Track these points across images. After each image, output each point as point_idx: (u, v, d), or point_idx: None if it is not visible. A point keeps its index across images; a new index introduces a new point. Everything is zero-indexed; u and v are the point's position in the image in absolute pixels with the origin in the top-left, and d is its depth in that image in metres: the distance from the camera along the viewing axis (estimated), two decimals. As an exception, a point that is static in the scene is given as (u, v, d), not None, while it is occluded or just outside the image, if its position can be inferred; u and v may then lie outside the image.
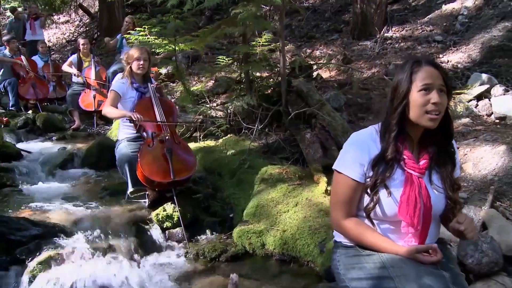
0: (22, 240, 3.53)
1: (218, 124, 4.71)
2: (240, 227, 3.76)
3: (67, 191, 4.77)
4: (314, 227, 3.50)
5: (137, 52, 4.08)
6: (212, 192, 4.48)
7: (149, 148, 3.86)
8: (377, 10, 8.20)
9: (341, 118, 4.53)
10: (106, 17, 11.51)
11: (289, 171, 4.27)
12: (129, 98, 4.10)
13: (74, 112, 7.16)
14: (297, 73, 5.28)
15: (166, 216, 3.89)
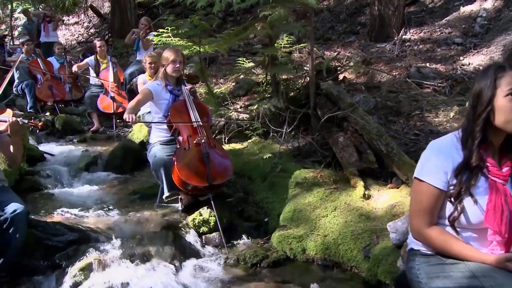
0: (58, 245, 3.52)
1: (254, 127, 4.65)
2: (279, 232, 3.71)
3: (95, 195, 4.73)
4: (356, 232, 3.45)
5: (172, 54, 4.03)
6: (244, 196, 4.43)
7: (185, 152, 3.81)
8: (395, 12, 8.17)
9: (374, 122, 4.48)
10: (118, 19, 11.47)
11: (323, 174, 4.22)
12: (163, 101, 4.05)
13: (93, 114, 7.12)
14: (324, 75, 5.22)
15: (203, 221, 3.84)
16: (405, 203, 3.62)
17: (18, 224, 3.08)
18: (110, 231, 3.72)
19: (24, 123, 3.24)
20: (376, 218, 3.60)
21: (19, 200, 3.24)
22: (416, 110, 4.96)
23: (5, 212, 3.10)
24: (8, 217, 3.07)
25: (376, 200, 3.89)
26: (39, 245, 3.44)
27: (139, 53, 8.32)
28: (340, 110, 4.66)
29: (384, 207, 3.69)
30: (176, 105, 4.02)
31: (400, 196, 3.78)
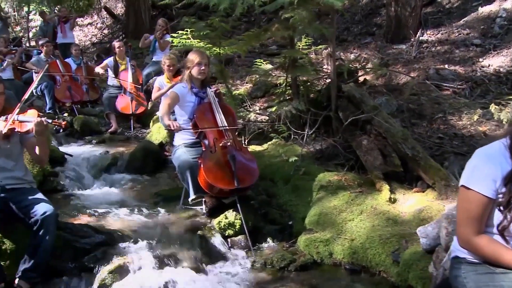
0: (86, 247, 3.53)
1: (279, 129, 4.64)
2: (305, 236, 3.70)
3: (118, 197, 4.75)
4: (384, 236, 3.43)
5: (198, 57, 4.03)
6: (267, 199, 4.42)
7: (212, 155, 3.81)
8: (412, 13, 8.11)
9: (399, 125, 4.46)
10: (132, 20, 11.51)
11: (348, 178, 4.20)
12: (188, 103, 4.06)
13: (111, 115, 7.14)
14: (345, 78, 5.21)
15: (228, 224, 3.85)
16: (433, 207, 3.60)
17: (48, 226, 3.11)
18: (137, 234, 3.73)
19: (49, 122, 3.22)
20: (404, 222, 3.58)
21: (48, 202, 3.26)
22: (439, 113, 4.93)
23: (35, 214, 3.13)
24: (38, 219, 3.10)
25: (402, 204, 3.87)
26: (67, 247, 3.46)
27: (155, 54, 8.36)
28: (363, 113, 4.65)
29: (411, 211, 3.67)
30: (201, 108, 4.02)
31: (427, 200, 3.76)
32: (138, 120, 7.23)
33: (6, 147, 3.32)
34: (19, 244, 3.29)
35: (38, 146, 3.31)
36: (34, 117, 3.22)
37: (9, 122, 3.22)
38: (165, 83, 6.05)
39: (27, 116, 3.26)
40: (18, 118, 3.24)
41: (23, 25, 17.82)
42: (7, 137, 3.29)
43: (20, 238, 3.30)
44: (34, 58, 7.91)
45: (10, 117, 3.24)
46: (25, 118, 3.25)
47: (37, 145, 3.31)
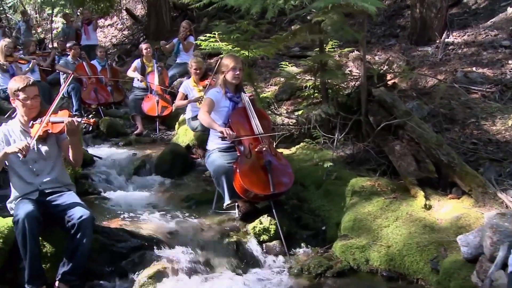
0: (122, 251, 3.56)
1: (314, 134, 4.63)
2: (341, 242, 3.69)
3: (149, 200, 4.78)
4: (422, 243, 3.40)
5: (232, 61, 4.03)
6: (298, 203, 4.41)
7: (247, 160, 3.81)
8: (437, 15, 8.03)
9: (431, 130, 4.42)
10: (153, 21, 11.58)
11: (381, 183, 4.18)
12: (223, 108, 4.07)
13: (137, 117, 7.19)
14: (375, 82, 5.18)
15: (263, 229, 3.85)
16: (471, 215, 3.56)
17: (85, 230, 3.15)
18: (172, 239, 3.75)
19: (79, 122, 3.24)
20: (441, 229, 3.55)
21: (85, 206, 3.30)
22: (471, 118, 4.87)
23: (72, 218, 3.18)
24: (75, 223, 3.15)
25: (438, 210, 3.84)
26: (104, 251, 3.50)
27: (179, 56, 8.41)
28: (395, 117, 4.62)
29: (448, 218, 3.64)
30: (236, 113, 4.03)
31: (463, 207, 3.72)
32: (163, 122, 7.27)
33: (43, 149, 3.39)
34: (58, 247, 3.34)
35: (71, 147, 3.34)
36: (65, 117, 3.25)
37: (42, 124, 3.27)
38: (191, 87, 6.09)
39: (58, 117, 3.30)
40: (50, 120, 3.29)
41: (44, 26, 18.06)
42: (43, 140, 3.36)
43: (59, 241, 3.36)
44: (62, 60, 8.00)
45: (44, 119, 3.29)
46: (57, 119, 3.29)
47: (70, 146, 3.34)
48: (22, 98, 3.28)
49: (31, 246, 3.07)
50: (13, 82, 3.32)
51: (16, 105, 3.36)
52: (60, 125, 3.25)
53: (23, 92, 3.26)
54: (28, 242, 3.05)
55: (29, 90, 3.27)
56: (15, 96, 3.30)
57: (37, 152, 3.35)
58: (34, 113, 3.36)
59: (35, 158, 3.35)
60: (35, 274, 3.12)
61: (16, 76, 3.41)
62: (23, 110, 3.34)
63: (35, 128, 3.31)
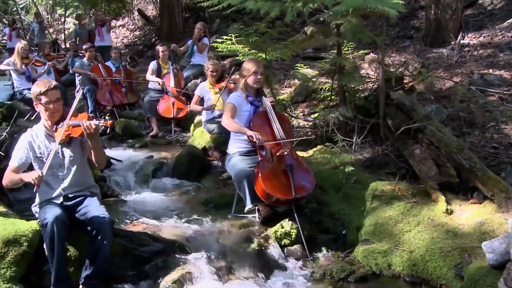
0: (145, 255, 3.58)
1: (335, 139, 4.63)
2: (363, 247, 3.69)
3: (168, 202, 4.81)
4: (445, 249, 3.39)
5: (254, 66, 4.04)
6: (318, 207, 4.41)
7: (269, 164, 3.82)
8: (452, 16, 7.99)
9: (452, 134, 4.40)
10: (166, 22, 11.62)
11: (401, 187, 4.17)
12: (244, 112, 4.08)
13: (152, 119, 7.22)
14: (393, 84, 5.16)
15: (284, 233, 3.86)
16: (494, 220, 3.55)
17: (104, 233, 3.18)
18: (193, 243, 3.78)
19: (96, 124, 3.23)
20: (464, 235, 3.53)
21: (105, 210, 3.32)
22: (491, 121, 4.83)
23: (92, 222, 3.22)
24: (95, 227, 3.19)
25: (459, 215, 3.83)
26: (127, 255, 3.53)
27: (194, 57, 8.44)
28: (413, 121, 4.60)
29: (471, 223, 3.62)
30: (258, 117, 4.04)
31: (486, 212, 3.70)
32: (178, 123, 7.29)
33: (67, 153, 3.41)
34: (82, 251, 3.37)
35: (93, 150, 3.35)
36: (83, 120, 3.26)
37: (63, 128, 3.29)
38: (207, 89, 6.11)
39: (76, 120, 3.30)
40: (70, 123, 3.30)
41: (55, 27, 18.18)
42: (67, 143, 3.38)
43: (82, 245, 3.38)
44: (78, 63, 8.05)
45: (65, 123, 3.30)
46: (76, 122, 3.29)
47: (92, 149, 3.35)
48: (44, 102, 3.28)
49: (58, 249, 3.10)
50: (35, 86, 3.33)
51: (39, 110, 3.37)
52: (80, 128, 3.25)
53: (45, 96, 3.26)
54: (55, 246, 3.09)
55: (51, 94, 3.27)
56: (38, 100, 3.30)
57: (61, 157, 3.38)
58: (57, 117, 3.37)
59: (59, 162, 3.38)
60: (62, 277, 3.15)
61: (39, 80, 3.41)
62: (46, 114, 3.35)
63: (58, 132, 3.34)
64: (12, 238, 3.28)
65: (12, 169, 3.34)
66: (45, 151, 3.37)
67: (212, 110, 5.90)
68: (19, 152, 3.37)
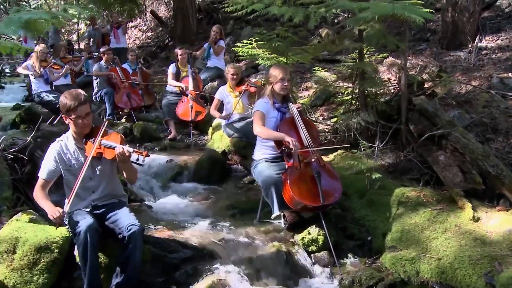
0: (175, 262, 3.60)
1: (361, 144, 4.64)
2: (391, 253, 3.70)
3: (191, 208, 4.83)
4: (474, 257, 3.39)
5: (281, 72, 4.05)
6: (342, 213, 4.42)
7: (297, 171, 3.84)
8: (470, 19, 7.96)
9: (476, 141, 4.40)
10: (180, 24, 11.65)
11: (426, 194, 4.17)
12: (271, 118, 4.10)
13: (170, 122, 7.24)
14: (415, 90, 5.16)
15: (312, 240, 3.88)
16: (523, 228, 3.54)
17: (135, 242, 3.20)
18: (222, 250, 3.78)
19: (130, 152, 3.23)
20: (493, 243, 3.53)
21: (134, 218, 3.34)
22: (515, 127, 4.83)
23: (123, 230, 3.24)
24: (125, 235, 3.20)
25: (486, 223, 3.82)
26: (156, 262, 3.55)
27: (210, 59, 8.47)
28: (436, 127, 4.60)
29: (500, 231, 3.62)
30: (285, 123, 4.06)
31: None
32: (196, 126, 7.30)
33: (98, 168, 3.43)
34: (112, 258, 3.41)
35: (124, 170, 3.40)
36: (117, 144, 3.27)
37: (95, 145, 3.30)
38: (227, 93, 6.13)
39: (111, 142, 3.30)
40: (102, 143, 3.30)
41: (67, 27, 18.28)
42: (98, 158, 3.38)
43: (112, 252, 3.42)
44: (96, 66, 8.10)
45: (96, 140, 3.31)
46: (109, 144, 3.29)
47: (123, 170, 3.40)
48: (73, 117, 3.26)
49: (91, 257, 3.14)
50: (65, 100, 3.24)
51: (69, 122, 3.35)
52: (112, 151, 3.26)
53: (74, 112, 3.22)
54: (88, 254, 3.12)
55: (81, 110, 3.23)
56: (67, 114, 3.28)
57: (92, 170, 3.39)
58: (86, 131, 3.37)
59: (90, 175, 3.39)
60: (94, 284, 3.18)
61: (67, 92, 3.28)
62: (75, 128, 3.34)
63: (89, 147, 3.34)
64: (44, 244, 3.33)
65: (41, 184, 3.40)
66: (75, 163, 3.40)
67: (228, 119, 5.92)
68: (48, 164, 3.40)
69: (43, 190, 3.40)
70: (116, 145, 3.24)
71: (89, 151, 3.32)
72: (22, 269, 3.25)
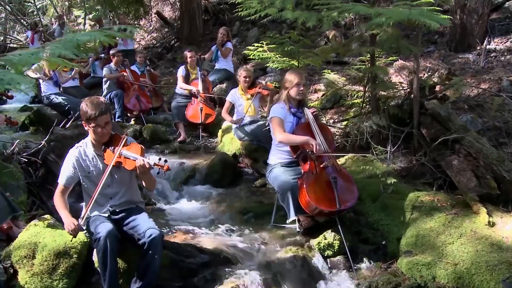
0: (192, 267, 3.62)
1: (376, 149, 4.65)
2: (407, 258, 3.71)
3: (204, 211, 4.86)
4: (491, 262, 3.40)
5: (297, 77, 4.07)
6: (355, 217, 4.43)
7: (313, 176, 3.85)
8: (478, 21, 7.96)
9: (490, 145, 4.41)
10: (187, 25, 11.66)
11: (440, 198, 4.18)
12: (287, 123, 4.11)
13: (180, 125, 7.25)
14: (426, 94, 5.17)
15: (328, 245, 3.90)
16: (540, 234, 3.55)
17: (155, 248, 3.21)
18: (237, 253, 3.81)
19: (151, 165, 3.25)
20: (509, 248, 3.54)
21: (154, 224, 3.35)
22: (529, 131, 4.84)
23: (143, 236, 3.24)
24: (145, 241, 3.21)
25: (502, 228, 3.83)
26: (174, 267, 3.56)
27: (218, 62, 8.48)
28: (449, 131, 4.61)
29: (517, 236, 3.63)
30: (300, 128, 4.07)
31: (529, 225, 3.71)
32: (205, 129, 7.31)
33: (117, 175, 3.45)
34: (130, 263, 3.43)
35: (143, 180, 3.42)
36: (138, 155, 3.28)
37: (115, 155, 3.32)
38: (239, 95, 6.15)
39: (131, 153, 3.31)
40: (123, 153, 3.32)
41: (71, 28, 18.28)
42: (117, 167, 3.39)
43: (131, 258, 3.44)
44: (106, 68, 8.11)
45: (117, 150, 3.32)
46: (130, 155, 3.30)
47: (142, 179, 3.41)
48: (93, 125, 3.28)
49: (111, 263, 3.16)
50: (86, 108, 3.25)
51: (88, 130, 3.37)
52: (133, 163, 3.27)
53: (94, 121, 3.24)
54: (108, 260, 3.14)
55: (101, 119, 3.25)
56: (87, 122, 3.30)
57: (110, 178, 3.41)
58: (105, 139, 3.39)
59: (108, 182, 3.41)
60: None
61: (89, 100, 3.29)
62: (94, 136, 3.36)
63: (108, 155, 3.36)
64: (63, 250, 3.37)
65: (60, 190, 3.44)
66: (93, 170, 3.42)
67: (239, 124, 5.93)
68: (67, 170, 3.42)
69: (62, 196, 3.43)
70: (137, 157, 3.25)
71: (108, 159, 3.34)
72: (42, 274, 3.29)
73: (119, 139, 3.39)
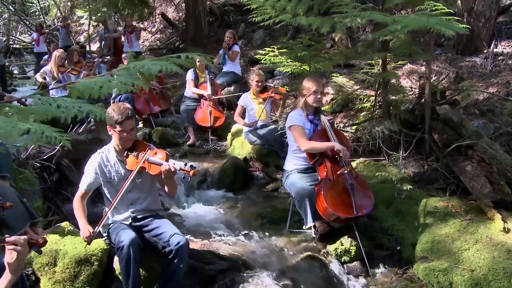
0: (211, 273, 3.65)
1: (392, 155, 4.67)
2: (424, 264, 3.74)
3: (218, 216, 4.88)
4: (509, 269, 3.43)
5: (314, 85, 4.10)
6: (369, 223, 4.47)
7: (331, 183, 3.89)
8: (486, 24, 8.00)
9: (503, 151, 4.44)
10: (192, 27, 11.68)
11: (454, 204, 4.22)
12: (305, 130, 4.13)
13: (189, 128, 7.27)
14: (438, 99, 5.20)
15: (344, 250, 3.93)
16: (555, 240, 3.59)
17: (182, 256, 3.24)
18: (255, 259, 3.85)
19: (177, 170, 3.28)
20: (526, 255, 3.58)
21: (178, 231, 3.37)
22: (541, 137, 4.87)
23: (169, 244, 3.25)
24: (172, 249, 3.23)
25: (517, 234, 3.87)
26: (193, 274, 3.60)
27: (225, 65, 8.51)
28: (461, 136, 4.65)
29: (532, 243, 3.66)
30: (317, 135, 4.10)
31: (544, 231, 3.75)
32: (214, 132, 7.34)
33: (138, 181, 3.48)
34: (151, 271, 3.46)
35: (166, 185, 3.45)
36: (163, 160, 3.31)
37: (140, 162, 3.36)
38: (250, 99, 6.18)
39: (157, 159, 3.35)
40: (148, 159, 3.35)
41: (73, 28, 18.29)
42: (139, 172, 3.43)
43: (152, 265, 3.47)
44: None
45: (142, 156, 3.37)
46: (155, 160, 3.34)
47: (166, 184, 3.44)
48: (118, 130, 3.33)
49: (134, 271, 3.18)
50: (112, 113, 3.30)
51: (112, 134, 3.41)
52: (157, 168, 3.31)
53: (120, 125, 3.30)
54: (131, 268, 3.16)
55: (127, 124, 3.30)
56: (112, 127, 3.35)
57: (132, 183, 3.43)
58: (129, 145, 3.43)
59: (129, 188, 3.43)
60: (137, 298, 3.23)
61: (115, 105, 3.36)
62: (118, 141, 3.41)
63: (131, 160, 3.39)
64: (84, 257, 3.39)
65: (81, 194, 3.48)
66: (115, 175, 3.46)
67: (253, 127, 5.96)
68: (89, 176, 3.46)
69: (82, 201, 3.47)
70: (163, 162, 3.28)
71: (131, 165, 3.37)
72: (64, 282, 3.32)
73: (142, 145, 3.45)
